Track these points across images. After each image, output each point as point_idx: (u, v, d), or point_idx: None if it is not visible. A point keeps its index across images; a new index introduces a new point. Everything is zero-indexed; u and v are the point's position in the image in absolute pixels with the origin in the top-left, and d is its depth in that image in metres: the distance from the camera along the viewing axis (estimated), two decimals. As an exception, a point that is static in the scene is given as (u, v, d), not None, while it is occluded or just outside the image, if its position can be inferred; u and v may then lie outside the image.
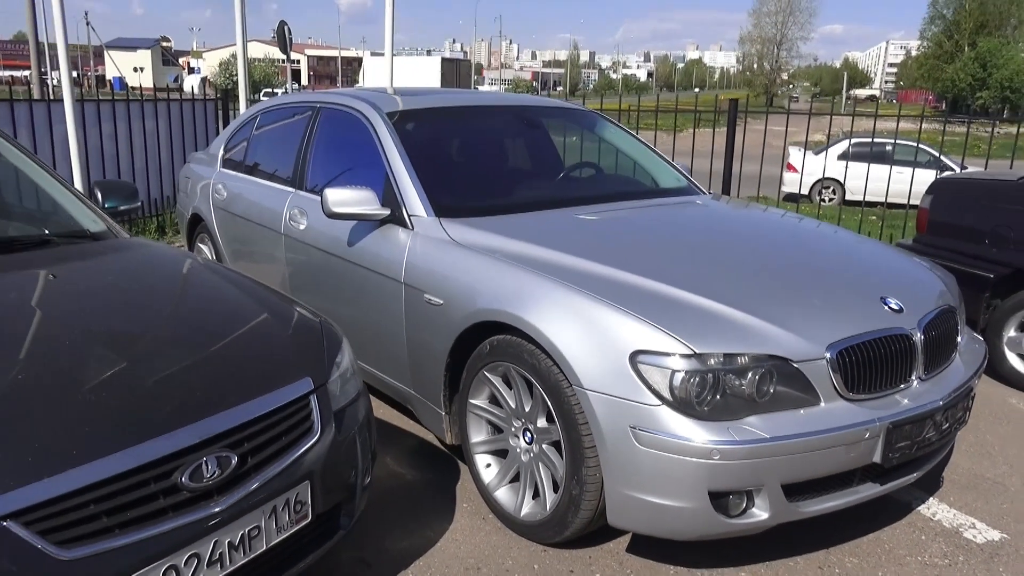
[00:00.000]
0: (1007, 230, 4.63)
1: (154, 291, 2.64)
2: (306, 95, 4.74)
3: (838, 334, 2.52)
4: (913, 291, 2.94)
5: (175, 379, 2.05)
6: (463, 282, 2.97)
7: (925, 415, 2.61)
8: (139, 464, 1.79)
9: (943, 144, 8.30)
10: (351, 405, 2.44)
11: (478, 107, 4.39)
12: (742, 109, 7.79)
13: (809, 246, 3.41)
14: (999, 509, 3.18)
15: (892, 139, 10.03)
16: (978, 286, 4.60)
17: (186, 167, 5.77)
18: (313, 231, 3.87)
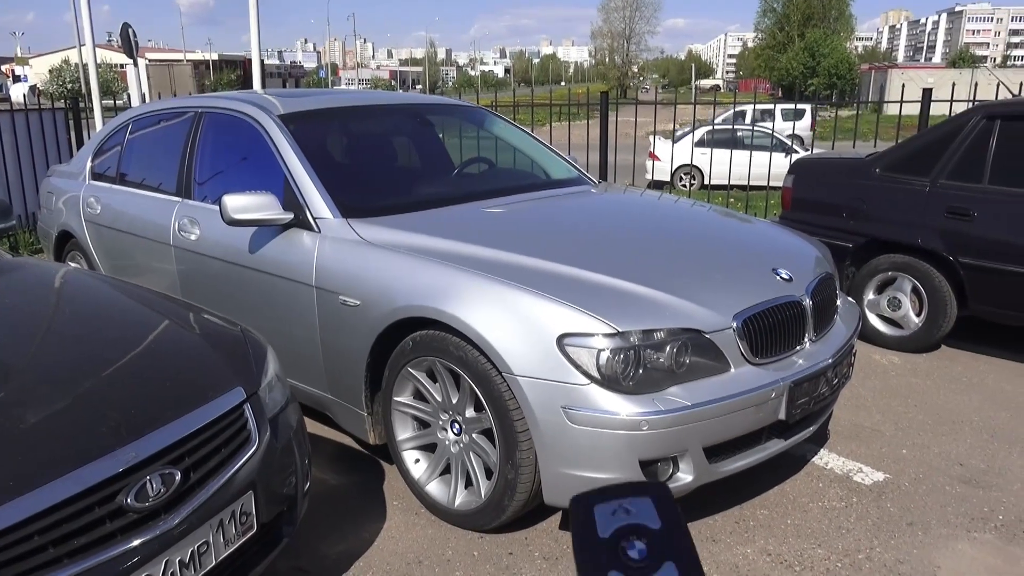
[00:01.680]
0: (860, 203, 5.11)
1: (61, 312, 2.50)
2: (184, 100, 4.55)
3: (741, 304, 2.74)
4: (798, 261, 3.21)
5: (106, 400, 1.97)
6: (380, 281, 2.98)
7: (819, 372, 2.87)
8: (81, 489, 1.71)
9: (794, 129, 8.95)
10: (283, 411, 2.41)
11: (368, 107, 4.37)
12: (612, 101, 8.11)
13: (703, 227, 3.64)
14: (879, 453, 3.53)
15: (746, 126, 10.73)
16: (839, 256, 5.03)
17: (47, 182, 5.38)
18: (208, 241, 3.74)
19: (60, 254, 5.06)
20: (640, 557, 0.37)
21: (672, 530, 0.38)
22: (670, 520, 0.39)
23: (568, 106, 8.60)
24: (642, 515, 0.39)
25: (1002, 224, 4.44)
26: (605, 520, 0.39)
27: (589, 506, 0.40)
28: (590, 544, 0.38)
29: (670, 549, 0.37)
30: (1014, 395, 4.23)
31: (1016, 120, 4.56)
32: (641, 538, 0.38)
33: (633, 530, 0.38)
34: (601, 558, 0.37)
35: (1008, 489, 3.21)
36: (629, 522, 0.39)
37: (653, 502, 0.40)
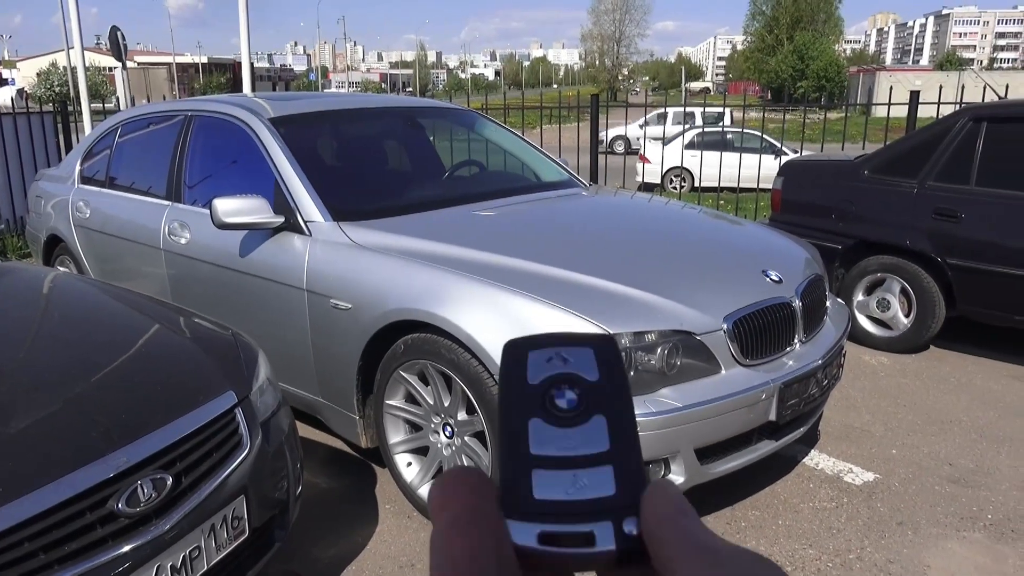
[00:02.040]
0: (849, 205, 5.14)
1: (50, 316, 2.49)
2: (174, 103, 4.53)
3: (732, 306, 2.75)
4: (787, 263, 3.23)
5: (96, 404, 1.96)
6: (371, 284, 2.98)
7: (809, 373, 2.89)
8: (72, 494, 1.71)
9: (783, 132, 9.00)
10: (274, 415, 2.40)
11: (358, 110, 4.37)
12: (603, 104, 8.13)
13: (693, 229, 3.66)
14: (869, 453, 3.55)
15: (734, 129, 10.78)
16: (828, 257, 5.06)
17: (35, 186, 5.35)
18: (198, 244, 3.73)
19: (49, 258, 5.03)
20: (568, 407, 0.34)
21: (609, 384, 0.35)
22: (609, 374, 0.35)
23: (559, 109, 8.61)
24: (580, 366, 0.35)
25: (989, 225, 4.47)
26: (538, 367, 0.35)
27: (522, 352, 0.36)
28: (515, 390, 0.34)
29: (603, 402, 0.34)
30: (1002, 395, 4.26)
31: (1002, 122, 4.60)
32: (573, 388, 0.34)
33: (566, 379, 0.34)
34: (524, 404, 0.34)
35: (996, 488, 3.24)
36: (563, 371, 0.35)
37: (594, 353, 0.36)
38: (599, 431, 0.33)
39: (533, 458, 0.33)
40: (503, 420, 0.34)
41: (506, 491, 0.32)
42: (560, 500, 0.32)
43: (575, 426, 0.33)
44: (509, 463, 0.33)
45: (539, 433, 0.33)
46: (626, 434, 0.33)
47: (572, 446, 0.33)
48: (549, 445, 0.33)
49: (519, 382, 0.35)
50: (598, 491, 0.32)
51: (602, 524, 0.31)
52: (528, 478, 0.32)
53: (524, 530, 0.31)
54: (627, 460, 0.33)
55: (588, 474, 0.32)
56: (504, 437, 0.34)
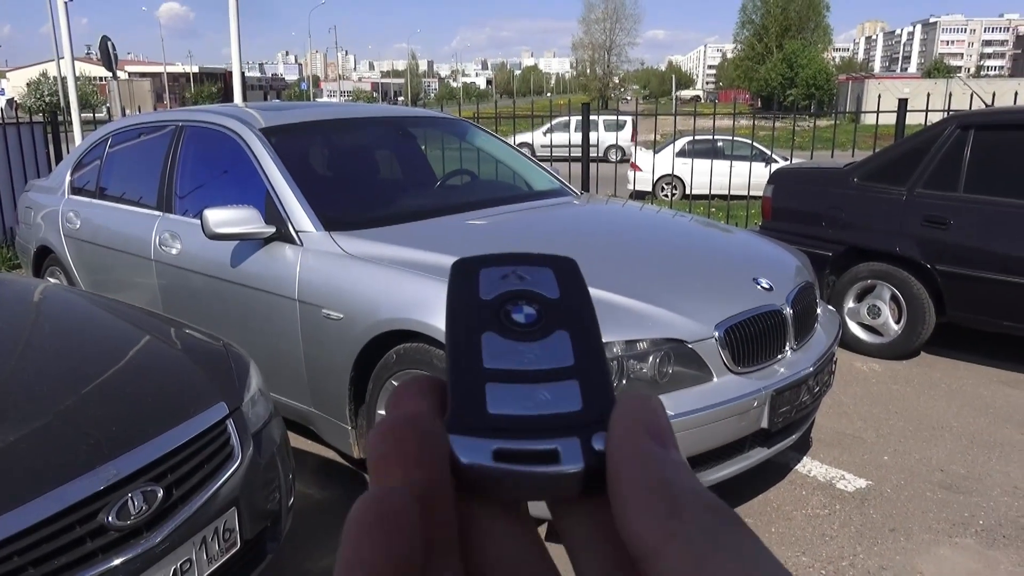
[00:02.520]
0: (839, 212, 5.17)
1: (40, 328, 2.48)
2: (164, 113, 4.53)
3: (723, 314, 2.76)
4: (778, 270, 3.24)
5: (86, 417, 1.95)
6: (363, 294, 2.98)
7: (800, 381, 2.90)
8: (62, 508, 1.69)
9: (773, 139, 9.05)
10: (266, 426, 2.39)
11: (348, 119, 4.37)
12: (594, 112, 8.16)
13: (684, 237, 3.67)
14: (861, 460, 3.56)
15: (724, 136, 10.82)
16: (819, 264, 5.09)
17: (25, 196, 5.34)
18: (189, 255, 3.72)
19: (39, 270, 5.01)
20: (526, 321, 0.30)
21: (570, 301, 0.31)
22: (570, 292, 0.31)
23: (550, 117, 8.63)
24: (538, 284, 0.31)
25: (977, 232, 4.51)
26: (491, 284, 0.31)
27: (473, 269, 0.32)
28: (464, 304, 0.30)
29: (565, 318, 0.30)
30: (992, 401, 4.28)
31: (989, 130, 4.64)
32: (532, 303, 0.30)
33: (523, 295, 0.30)
34: (475, 318, 0.30)
35: (988, 494, 3.25)
36: (520, 287, 0.31)
37: (553, 273, 0.31)
38: (562, 346, 0.29)
39: (486, 371, 0.28)
40: (449, 335, 0.30)
41: (454, 406, 0.28)
42: (519, 415, 0.28)
43: (534, 340, 0.29)
44: (457, 376, 0.28)
45: (493, 347, 0.29)
46: (592, 350, 0.29)
47: (531, 360, 0.29)
48: (505, 359, 0.29)
49: (469, 297, 0.31)
50: (562, 406, 0.28)
51: (568, 440, 0.27)
52: (481, 392, 0.28)
53: (475, 447, 0.27)
54: (594, 376, 0.29)
55: (550, 388, 0.28)
56: (451, 352, 0.29)
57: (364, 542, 0.23)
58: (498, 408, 0.27)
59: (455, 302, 0.30)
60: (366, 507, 0.24)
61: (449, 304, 0.30)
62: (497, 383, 0.28)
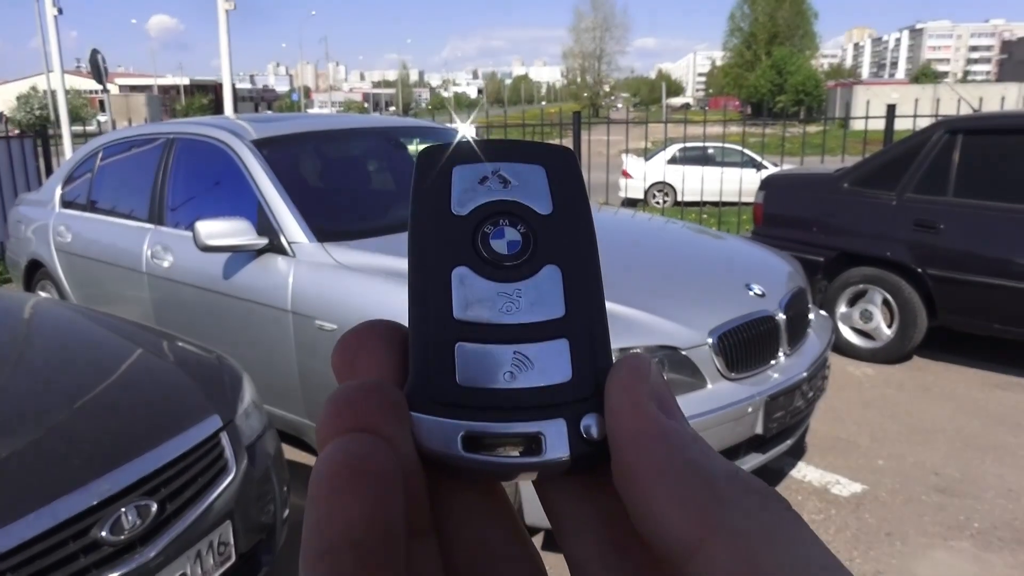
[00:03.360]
0: (830, 217, 5.19)
1: (32, 343, 2.46)
2: (155, 126, 4.53)
3: (716, 320, 2.77)
4: (770, 277, 3.26)
5: (79, 431, 1.94)
6: (356, 305, 2.97)
7: (794, 386, 2.90)
8: (55, 523, 1.68)
9: (763, 146, 9.10)
10: (260, 439, 2.39)
11: (339, 131, 4.38)
12: (585, 120, 8.19)
13: (676, 244, 3.69)
14: (856, 464, 3.57)
15: (715, 143, 10.90)
16: (810, 269, 5.11)
17: (15, 210, 5.32)
18: (180, 267, 3.71)
19: (30, 284, 4.99)
20: (509, 251, 0.24)
21: (565, 220, 0.24)
22: (566, 205, 0.25)
23: (541, 126, 8.67)
24: (526, 191, 0.25)
25: (967, 235, 4.53)
26: (466, 190, 0.24)
27: (445, 165, 0.25)
28: (432, 220, 0.24)
29: (557, 246, 0.24)
30: (985, 404, 4.30)
31: (977, 134, 4.68)
32: (516, 224, 0.24)
33: (507, 210, 0.24)
34: (445, 243, 0.24)
35: (982, 497, 3.26)
36: (503, 198, 0.24)
37: (546, 174, 0.25)
38: (551, 287, 0.24)
39: (456, 325, 0.23)
40: (413, 266, 0.24)
41: (416, 374, 0.23)
42: (494, 388, 0.23)
43: (518, 280, 0.24)
44: (421, 332, 0.23)
45: (466, 288, 0.24)
46: (588, 294, 0.24)
47: (513, 309, 0.24)
48: (480, 307, 0.23)
49: (437, 209, 0.24)
50: (548, 375, 0.23)
51: (553, 423, 0.23)
52: (449, 354, 0.23)
53: (441, 431, 0.22)
54: (588, 332, 0.24)
55: (534, 350, 0.23)
56: (413, 295, 0.24)
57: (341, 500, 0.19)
58: (469, 378, 0.23)
59: (420, 216, 0.25)
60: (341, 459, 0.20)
61: (413, 217, 0.25)
62: (469, 343, 0.23)
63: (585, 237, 0.25)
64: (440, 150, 0.26)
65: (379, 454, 0.20)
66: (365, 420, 0.21)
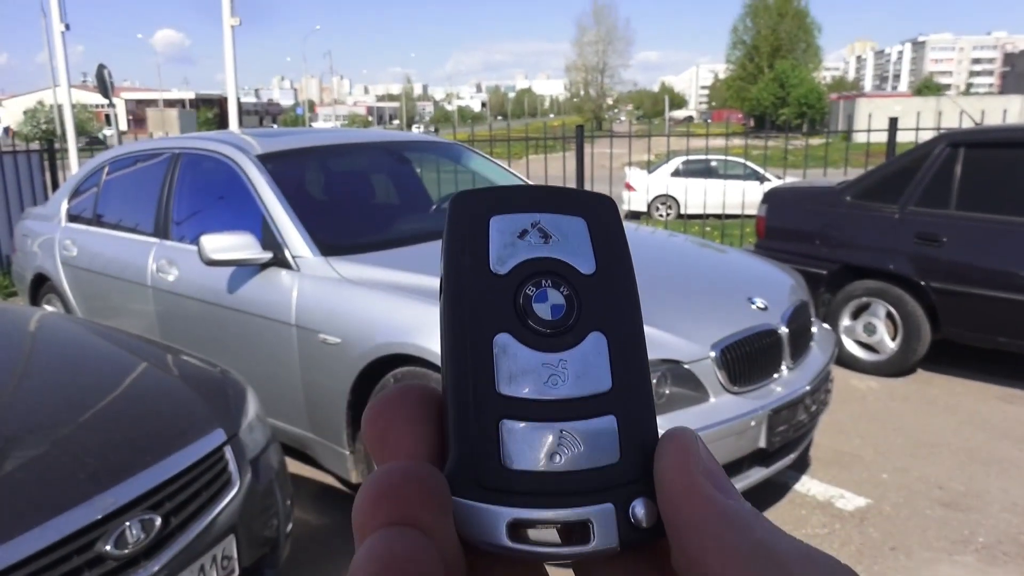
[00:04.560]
0: (833, 231, 5.20)
1: (37, 357, 2.48)
2: (160, 141, 4.56)
3: (719, 334, 2.77)
4: (772, 290, 3.26)
5: (84, 446, 1.95)
6: (360, 318, 2.98)
7: (797, 399, 2.90)
8: (59, 538, 1.69)
9: (766, 158, 9.12)
10: (264, 452, 2.39)
11: (344, 145, 4.41)
12: (588, 134, 8.22)
13: (679, 257, 3.69)
14: (860, 478, 3.56)
15: (718, 156, 10.93)
16: (813, 283, 5.11)
17: (22, 224, 5.35)
18: (185, 281, 3.73)
19: (35, 298, 5.01)
20: (554, 317, 0.22)
21: (609, 279, 0.23)
22: (610, 262, 0.24)
23: (544, 140, 8.70)
24: (568, 247, 0.23)
25: (970, 248, 4.54)
26: (506, 243, 0.23)
27: (482, 215, 0.23)
28: (471, 279, 0.22)
29: (602, 309, 0.23)
30: (989, 417, 4.29)
31: (979, 147, 4.69)
32: (560, 285, 0.23)
33: (550, 269, 0.23)
34: (487, 306, 0.22)
35: (987, 511, 3.25)
36: (545, 255, 0.23)
37: (587, 228, 0.24)
38: (597, 358, 0.22)
39: (500, 400, 0.22)
40: (449, 330, 0.22)
41: (459, 454, 0.21)
42: (541, 471, 0.21)
43: (563, 349, 0.22)
44: (462, 407, 0.22)
45: (509, 358, 0.22)
46: (634, 364, 0.23)
47: (559, 382, 0.22)
48: (524, 380, 0.22)
49: (476, 266, 0.23)
50: (596, 457, 0.22)
51: (601, 508, 0.21)
52: (493, 433, 0.21)
53: (487, 519, 0.21)
54: (636, 407, 0.22)
55: (582, 429, 0.22)
56: (453, 365, 0.22)
57: None
58: (515, 460, 0.21)
59: (456, 273, 0.23)
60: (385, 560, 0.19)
61: (447, 274, 0.23)
62: (514, 421, 0.22)
63: (629, 300, 0.24)
64: (475, 196, 0.24)
65: (422, 552, 0.20)
66: (406, 512, 0.20)
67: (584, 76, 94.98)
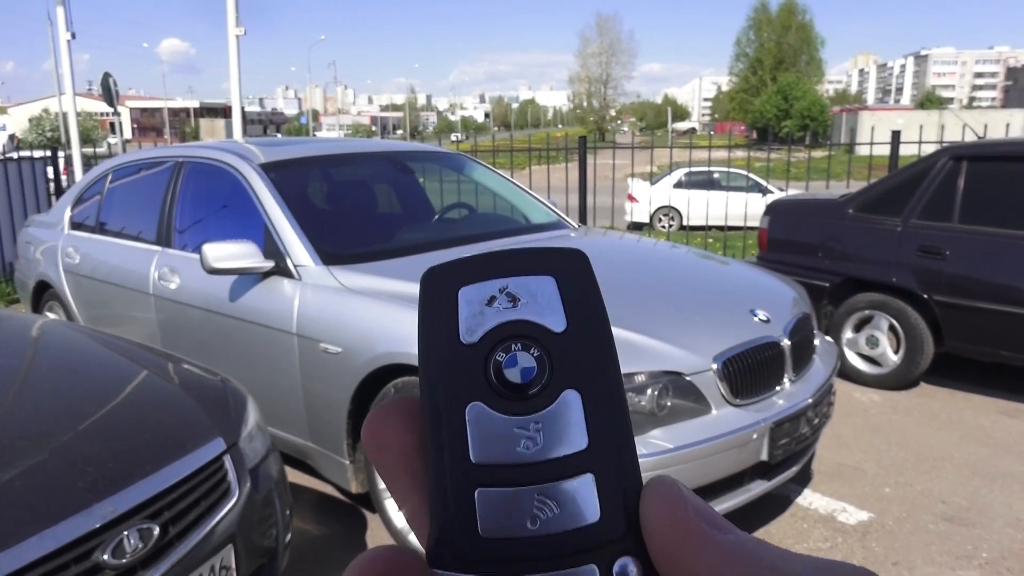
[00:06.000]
0: (835, 243, 5.20)
1: (38, 364, 2.47)
2: (164, 149, 4.57)
3: (721, 346, 2.76)
4: (775, 302, 3.25)
5: (83, 454, 1.94)
6: (361, 328, 2.98)
7: (799, 412, 2.89)
8: (57, 547, 1.68)
9: (769, 171, 9.12)
10: (264, 462, 2.38)
11: (347, 155, 4.42)
12: (591, 145, 8.24)
13: (681, 269, 3.69)
14: (862, 491, 3.54)
15: (721, 168, 10.93)
16: (816, 295, 5.11)
17: (25, 231, 5.36)
18: (187, 289, 3.73)
19: (37, 305, 5.02)
20: (524, 379, 0.22)
21: (582, 335, 0.23)
22: (582, 317, 0.23)
23: (547, 151, 8.72)
24: (537, 307, 0.23)
25: (972, 262, 4.53)
26: (474, 312, 0.23)
27: (450, 288, 0.24)
28: (442, 353, 0.23)
29: (575, 367, 0.22)
30: (992, 431, 4.27)
31: (982, 161, 4.69)
32: (530, 346, 0.22)
33: (518, 331, 0.23)
34: (457, 378, 0.22)
35: (990, 526, 3.23)
36: (514, 318, 0.23)
37: (557, 285, 0.23)
38: (572, 416, 0.22)
39: (474, 469, 0.22)
40: (425, 404, 0.23)
41: (437, 527, 0.22)
42: (519, 537, 0.21)
43: (536, 411, 0.22)
44: (439, 479, 0.22)
45: (481, 426, 0.22)
46: (612, 418, 0.22)
47: (532, 445, 0.22)
48: (497, 446, 0.22)
49: (446, 338, 0.23)
50: (575, 518, 0.21)
51: (583, 571, 0.21)
52: (469, 503, 0.22)
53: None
54: (615, 463, 0.22)
55: (558, 490, 0.22)
56: (430, 434, 0.23)
57: None
58: (492, 529, 0.21)
59: (427, 347, 0.23)
60: None
61: (421, 349, 0.24)
62: (489, 488, 0.22)
63: (604, 354, 0.23)
64: (444, 270, 0.25)
65: None
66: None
67: (587, 87, 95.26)
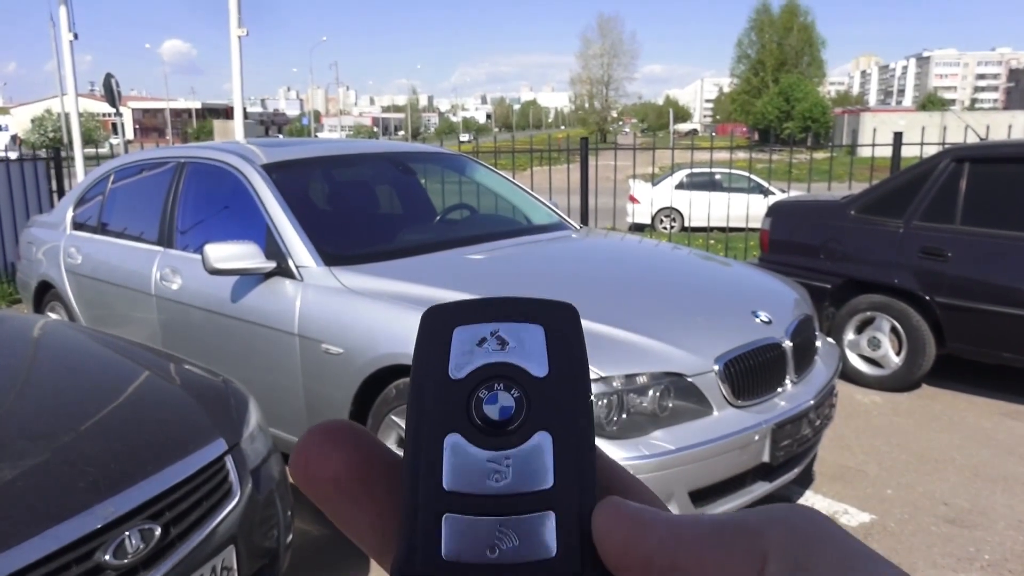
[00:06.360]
0: (837, 244, 5.19)
1: (39, 364, 2.48)
2: (166, 150, 4.58)
3: (722, 347, 2.76)
4: (777, 303, 3.25)
5: (84, 454, 1.94)
6: (363, 329, 2.98)
7: (801, 414, 2.89)
8: (58, 547, 1.68)
9: (770, 172, 9.12)
10: (265, 462, 2.38)
11: (349, 155, 4.42)
12: (592, 146, 8.24)
13: (683, 270, 3.69)
14: (864, 493, 3.54)
15: (722, 169, 10.92)
16: (818, 296, 5.10)
17: (27, 232, 5.37)
18: (189, 290, 3.73)
19: (39, 305, 5.02)
20: (501, 417, 0.24)
21: (561, 383, 0.25)
22: (563, 367, 0.25)
23: (549, 152, 8.72)
24: (524, 352, 0.25)
25: (974, 264, 4.52)
26: (464, 351, 0.25)
27: (446, 328, 0.25)
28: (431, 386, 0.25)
29: (551, 411, 0.24)
30: (994, 433, 4.26)
31: (984, 163, 4.69)
32: (511, 387, 0.24)
33: (502, 373, 0.25)
34: (441, 410, 0.24)
35: (992, 528, 3.22)
36: (500, 360, 0.25)
37: (545, 335, 0.26)
38: (541, 457, 0.24)
39: (445, 496, 0.24)
40: (409, 432, 0.25)
41: (404, 545, 0.23)
42: (477, 564, 0.23)
43: (508, 448, 0.24)
44: (410, 501, 0.24)
45: (456, 456, 0.24)
46: (578, 464, 0.24)
47: (501, 479, 0.24)
48: (469, 476, 0.24)
49: (436, 372, 0.25)
50: (531, 551, 0.23)
51: None
52: (436, 526, 0.23)
53: None
54: (576, 505, 0.24)
55: (519, 524, 0.23)
56: (409, 459, 0.24)
57: None
58: (455, 552, 0.23)
59: (418, 379, 0.25)
60: None
61: (413, 379, 0.26)
62: (456, 515, 0.23)
63: (580, 400, 0.25)
64: (443, 310, 0.26)
65: None
66: None
67: (589, 89, 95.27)
